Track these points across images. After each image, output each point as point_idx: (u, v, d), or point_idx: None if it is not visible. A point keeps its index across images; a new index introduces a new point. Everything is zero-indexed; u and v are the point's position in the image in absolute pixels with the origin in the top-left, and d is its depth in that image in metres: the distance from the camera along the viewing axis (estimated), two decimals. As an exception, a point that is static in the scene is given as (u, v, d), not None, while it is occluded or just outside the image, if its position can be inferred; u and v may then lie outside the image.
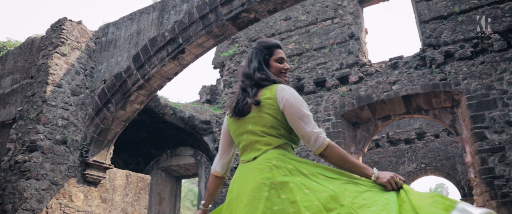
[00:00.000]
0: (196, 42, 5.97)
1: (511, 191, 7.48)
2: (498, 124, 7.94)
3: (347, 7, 10.59)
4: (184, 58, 6.17)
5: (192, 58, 6.26)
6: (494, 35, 8.51)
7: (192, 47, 6.03)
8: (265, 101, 1.88)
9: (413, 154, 13.74)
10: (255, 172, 1.76)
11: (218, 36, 6.03)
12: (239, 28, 6.02)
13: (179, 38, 6.00)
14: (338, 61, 10.10)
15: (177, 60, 6.15)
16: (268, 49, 2.03)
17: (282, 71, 2.04)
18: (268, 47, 2.04)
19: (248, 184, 1.74)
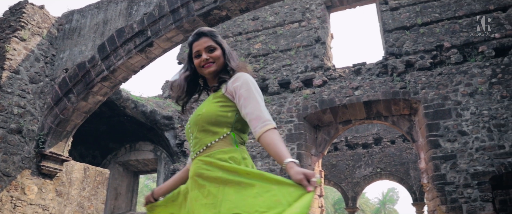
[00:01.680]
0: (165, 36, 5.87)
1: (460, 197, 7.87)
2: (451, 133, 8.33)
3: (314, 11, 10.75)
4: (152, 51, 6.04)
5: (160, 52, 6.13)
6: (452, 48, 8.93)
7: (160, 41, 5.91)
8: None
9: (370, 158, 14.16)
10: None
11: (188, 32, 5.95)
12: (210, 24, 5.97)
13: (148, 31, 5.87)
14: (303, 64, 10.24)
15: (144, 53, 6.01)
16: (189, 48, 1.89)
17: (202, 65, 1.83)
18: (188, 45, 1.90)
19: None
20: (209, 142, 1.72)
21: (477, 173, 7.91)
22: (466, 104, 8.42)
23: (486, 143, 8.04)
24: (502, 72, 8.38)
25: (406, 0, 9.76)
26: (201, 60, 1.83)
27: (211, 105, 1.77)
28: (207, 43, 1.85)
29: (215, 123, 1.74)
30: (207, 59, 1.82)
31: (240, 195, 1.53)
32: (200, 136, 1.75)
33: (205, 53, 1.83)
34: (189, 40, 1.90)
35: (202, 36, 1.86)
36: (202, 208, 1.58)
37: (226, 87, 1.78)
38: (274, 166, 9.59)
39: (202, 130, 1.74)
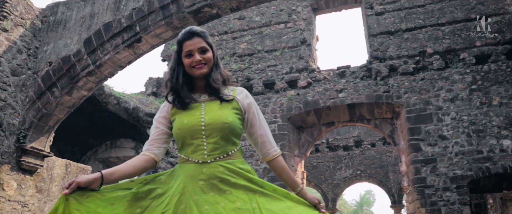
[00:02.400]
0: (154, 32, 5.79)
1: (439, 200, 8.05)
2: (432, 137, 8.51)
3: (301, 13, 10.81)
4: (140, 47, 5.95)
5: (148, 48, 6.05)
6: (435, 54, 9.11)
7: (149, 37, 5.83)
8: None
9: (350, 160, 14.33)
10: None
11: (177, 29, 5.89)
12: (199, 22, 5.92)
13: (137, 26, 5.78)
14: (288, 65, 10.28)
15: (132, 49, 5.92)
16: (178, 46, 1.86)
17: (193, 66, 1.81)
18: (177, 42, 1.86)
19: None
20: (230, 151, 1.77)
21: (456, 177, 8.09)
22: (447, 109, 8.61)
23: (465, 148, 8.24)
24: (482, 80, 8.60)
25: (391, 6, 9.91)
26: (193, 60, 1.81)
27: (233, 116, 1.80)
28: (200, 44, 1.83)
29: (236, 134, 1.79)
30: (200, 60, 1.81)
31: (274, 205, 1.66)
32: (222, 143, 1.75)
33: (198, 54, 1.81)
34: (179, 38, 1.86)
35: (195, 36, 1.83)
36: (235, 212, 1.62)
37: (238, 100, 1.85)
38: (256, 166, 9.59)
39: (224, 138, 1.76)
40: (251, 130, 1.88)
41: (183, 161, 1.77)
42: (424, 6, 9.63)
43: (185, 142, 1.76)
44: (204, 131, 1.75)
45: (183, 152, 1.78)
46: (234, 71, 10.61)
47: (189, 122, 1.77)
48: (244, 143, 9.44)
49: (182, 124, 1.77)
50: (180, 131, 1.76)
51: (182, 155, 1.78)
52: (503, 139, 8.09)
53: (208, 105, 1.82)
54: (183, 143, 1.77)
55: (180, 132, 1.76)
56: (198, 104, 1.82)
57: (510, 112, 8.21)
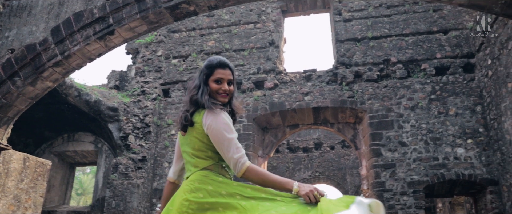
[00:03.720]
0: (128, 26, 5.60)
1: (396, 203, 8.37)
2: (392, 143, 8.83)
3: (270, 14, 10.85)
4: (112, 40, 5.73)
5: (121, 41, 5.84)
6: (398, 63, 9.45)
7: (123, 30, 5.63)
8: (195, 125, 2.01)
9: (310, 162, 14.58)
10: (181, 192, 1.94)
11: (152, 23, 5.73)
12: (176, 18, 5.79)
13: (110, 18, 5.56)
14: (256, 65, 10.29)
15: (103, 41, 5.69)
16: (208, 69, 2.08)
17: (219, 92, 2.06)
18: (209, 67, 2.08)
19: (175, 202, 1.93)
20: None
21: (413, 182, 8.45)
22: (407, 117, 8.96)
23: (423, 154, 8.61)
24: (440, 90, 9.02)
25: (359, 13, 10.17)
26: (221, 88, 2.06)
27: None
28: (229, 76, 2.09)
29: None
30: (226, 90, 2.07)
31: None
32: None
33: (226, 84, 2.07)
34: (212, 64, 2.09)
35: (227, 67, 2.09)
36: None
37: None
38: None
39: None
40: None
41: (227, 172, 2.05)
42: (390, 16, 9.96)
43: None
44: None
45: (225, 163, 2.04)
46: (201, 69, 10.48)
47: None
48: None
49: None
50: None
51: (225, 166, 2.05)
52: (457, 147, 8.53)
53: None
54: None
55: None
56: None
57: (465, 122, 8.67)
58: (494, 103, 8.17)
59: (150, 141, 9.68)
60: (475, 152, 8.41)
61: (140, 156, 9.42)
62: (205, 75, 2.08)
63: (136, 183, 9.02)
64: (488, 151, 8.36)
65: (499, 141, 8.00)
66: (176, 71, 10.63)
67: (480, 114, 8.66)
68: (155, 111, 10.05)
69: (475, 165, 8.32)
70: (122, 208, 8.80)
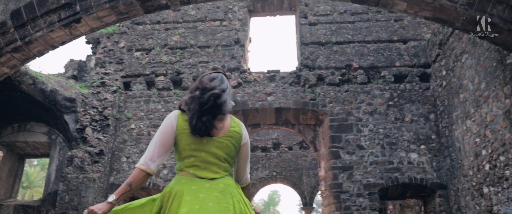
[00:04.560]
0: (96, 14, 5.41)
1: (352, 205, 8.64)
2: (351, 146, 9.10)
3: (237, 13, 10.85)
4: (78, 28, 5.51)
5: (87, 30, 5.63)
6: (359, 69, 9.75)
7: (90, 18, 5.43)
8: (234, 133, 2.06)
9: (267, 162, 14.72)
10: (218, 193, 1.92)
11: (122, 14, 5.57)
12: (146, 11, 5.66)
13: (77, 5, 5.35)
14: (220, 63, 10.25)
15: (69, 29, 5.46)
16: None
17: None
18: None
19: (209, 202, 1.88)
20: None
21: (369, 184, 8.75)
22: (366, 121, 9.27)
23: (379, 158, 8.94)
24: (398, 97, 9.40)
25: (324, 18, 10.39)
26: None
27: None
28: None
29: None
30: None
31: None
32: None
33: None
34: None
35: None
36: None
37: None
38: (180, 162, 9.40)
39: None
40: None
41: None
42: (353, 22, 10.26)
43: None
44: None
45: None
46: (164, 63, 10.31)
47: None
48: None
49: None
50: None
51: None
52: (411, 152, 8.93)
53: None
54: None
55: None
56: None
57: (419, 128, 9.09)
58: (446, 112, 8.62)
59: (109, 134, 9.40)
60: (427, 157, 8.84)
61: (97, 150, 9.13)
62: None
63: (92, 177, 8.74)
64: (439, 157, 8.81)
65: (450, 147, 8.45)
66: (138, 64, 10.39)
67: (433, 121, 9.11)
68: (114, 104, 9.77)
69: (426, 169, 8.75)
70: (76, 203, 8.49)
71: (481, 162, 7.15)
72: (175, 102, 9.90)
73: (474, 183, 7.41)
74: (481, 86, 7.10)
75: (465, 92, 7.74)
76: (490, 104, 6.79)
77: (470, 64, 7.53)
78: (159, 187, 9.15)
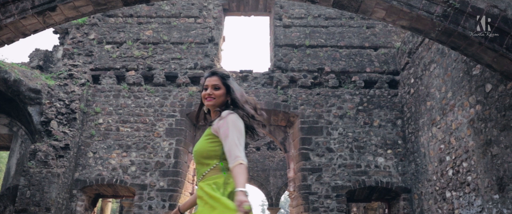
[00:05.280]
0: (72, 4, 5.22)
1: (320, 206, 8.78)
2: (321, 148, 9.25)
3: (211, 11, 10.79)
4: (52, 17, 5.30)
5: (62, 20, 5.42)
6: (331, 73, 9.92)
7: (66, 7, 5.24)
8: None
9: (235, 161, 14.70)
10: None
11: (100, 5, 5.41)
12: (126, 3, 5.52)
13: (53, -7, 5.15)
14: (193, 60, 10.17)
15: (42, 17, 5.24)
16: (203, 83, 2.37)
17: (205, 97, 2.30)
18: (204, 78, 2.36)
19: None
20: (204, 172, 2.15)
21: (337, 186, 8.93)
22: (336, 125, 9.45)
23: (347, 161, 9.14)
24: (367, 102, 9.65)
25: (299, 21, 10.51)
26: (205, 93, 2.29)
27: (202, 142, 2.21)
28: (215, 81, 2.28)
29: (206, 157, 2.16)
30: (210, 94, 2.26)
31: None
32: (198, 167, 2.19)
33: (210, 89, 2.27)
34: (205, 76, 2.35)
35: (214, 75, 2.30)
36: None
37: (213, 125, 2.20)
38: (149, 158, 9.24)
39: (198, 163, 2.19)
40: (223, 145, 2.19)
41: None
42: (327, 27, 10.43)
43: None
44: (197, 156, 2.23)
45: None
46: (135, 58, 10.11)
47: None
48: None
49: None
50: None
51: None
52: (378, 156, 9.18)
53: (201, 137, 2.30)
54: None
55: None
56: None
57: (387, 133, 9.37)
58: (413, 119, 8.93)
59: (75, 128, 9.12)
60: (393, 161, 9.12)
61: (62, 144, 8.83)
62: (202, 86, 2.37)
63: (56, 172, 8.44)
64: (404, 162, 9.11)
65: (415, 153, 8.76)
66: (109, 58, 10.14)
67: (400, 127, 9.41)
68: (82, 97, 9.49)
69: (392, 173, 9.02)
70: (38, 198, 8.18)
71: (445, 167, 7.45)
72: (145, 98, 9.73)
73: (437, 187, 7.71)
74: (447, 95, 7.40)
75: (432, 100, 8.04)
76: (456, 112, 7.09)
77: (438, 74, 7.83)
78: (127, 184, 8.96)
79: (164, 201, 8.84)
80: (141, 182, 8.99)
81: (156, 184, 8.97)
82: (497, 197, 5.95)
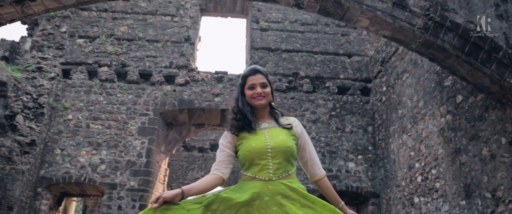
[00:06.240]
0: (54, -5, 5.05)
1: (292, 209, 8.87)
2: (293, 152, 9.35)
3: (188, 10, 10.71)
4: (31, 7, 5.08)
5: (42, 10, 5.21)
6: (306, 78, 10.07)
7: (47, -2, 5.06)
8: None
9: (204, 162, 14.60)
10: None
11: (83, -2, 5.25)
12: (108, -3, 5.40)
13: (34, -18, 4.95)
14: (169, 59, 10.05)
15: (21, 6, 5.01)
16: (242, 80, 2.26)
17: (254, 97, 2.19)
18: (242, 77, 2.26)
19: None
20: (290, 171, 2.07)
21: (308, 190, 9.03)
22: (309, 129, 9.59)
23: (319, 165, 9.28)
24: (340, 108, 9.86)
25: (275, 25, 10.61)
26: (255, 92, 2.18)
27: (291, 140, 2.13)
28: (262, 79, 2.20)
29: (294, 157, 2.12)
30: (260, 93, 2.17)
31: None
32: (285, 164, 2.06)
33: (259, 88, 2.18)
34: (244, 74, 2.25)
35: (258, 73, 2.22)
36: None
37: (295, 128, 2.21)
38: (119, 157, 9.04)
39: (286, 159, 2.07)
40: (302, 154, 2.23)
41: (249, 178, 2.06)
42: (303, 32, 10.59)
43: (253, 162, 2.05)
44: (270, 153, 2.04)
45: (249, 171, 2.07)
46: (108, 54, 9.87)
47: (257, 145, 2.06)
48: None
49: (250, 147, 2.07)
50: (249, 152, 2.06)
51: (248, 173, 2.07)
52: (349, 161, 9.40)
53: (271, 131, 2.14)
54: (251, 163, 2.06)
55: (249, 153, 2.06)
56: (261, 131, 2.14)
57: (358, 139, 9.60)
58: (384, 126, 9.21)
59: (42, 123, 8.78)
60: (363, 167, 9.36)
61: (28, 139, 8.48)
62: (241, 86, 2.25)
63: (21, 169, 8.10)
64: (374, 167, 9.37)
65: (384, 159, 9.03)
66: (81, 52, 9.84)
67: (371, 133, 9.67)
68: (51, 92, 9.16)
69: (362, 178, 9.26)
70: (0, 196, 7.81)
71: (414, 174, 7.73)
72: (118, 95, 9.51)
73: (406, 193, 7.98)
74: (419, 104, 7.69)
75: (403, 109, 8.33)
76: (427, 121, 7.38)
77: (410, 83, 8.12)
78: (96, 182, 8.71)
79: (135, 201, 8.66)
80: (111, 181, 8.77)
81: (127, 184, 8.78)
82: (464, 203, 6.24)
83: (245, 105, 2.19)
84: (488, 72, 5.09)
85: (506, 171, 5.41)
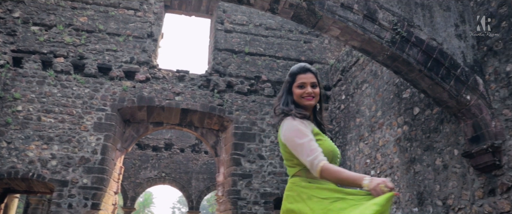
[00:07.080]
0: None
1: (248, 211, 8.92)
2: (252, 155, 9.42)
3: (152, 6, 10.48)
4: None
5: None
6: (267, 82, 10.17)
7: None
8: (279, 137, 2.14)
9: (158, 161, 14.31)
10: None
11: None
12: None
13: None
14: (130, 54, 9.78)
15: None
16: (291, 77, 2.15)
17: (303, 96, 2.09)
18: (291, 74, 2.15)
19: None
20: None
21: (265, 193, 9.14)
22: (268, 133, 9.70)
23: (277, 169, 9.42)
24: (300, 113, 10.02)
25: (240, 27, 10.64)
26: (305, 92, 2.09)
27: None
28: (312, 79, 2.11)
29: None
30: (310, 92, 2.08)
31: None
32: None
33: (309, 87, 2.09)
34: (294, 71, 2.14)
35: (309, 71, 2.12)
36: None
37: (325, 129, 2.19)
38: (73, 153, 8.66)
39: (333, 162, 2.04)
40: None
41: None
42: (267, 37, 10.70)
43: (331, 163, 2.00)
44: (338, 158, 2.09)
45: None
46: (65, 44, 9.43)
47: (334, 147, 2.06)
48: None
49: (332, 147, 2.04)
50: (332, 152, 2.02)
51: None
52: (305, 166, 9.57)
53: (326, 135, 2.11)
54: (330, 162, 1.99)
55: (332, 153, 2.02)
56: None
57: (315, 145, 9.81)
58: (341, 133, 9.49)
59: (-11, 114, 8.23)
60: (319, 172, 9.56)
61: None
62: (289, 83, 2.14)
63: (-37, 161, 7.54)
64: (329, 173, 9.60)
65: (341, 166, 9.27)
66: (35, 40, 9.33)
67: (328, 140, 9.91)
68: (0, 80, 8.61)
69: (318, 183, 9.45)
70: None
71: (369, 180, 8.02)
72: (74, 88, 9.11)
73: (360, 199, 8.26)
74: (377, 114, 8.01)
75: (361, 117, 8.63)
76: (384, 131, 7.70)
77: (369, 93, 8.44)
78: (45, 179, 8.28)
79: (87, 199, 8.32)
80: (62, 178, 8.37)
81: (79, 181, 8.41)
82: (416, 210, 6.57)
83: (290, 103, 2.07)
84: (447, 87, 5.41)
85: (457, 181, 5.76)
